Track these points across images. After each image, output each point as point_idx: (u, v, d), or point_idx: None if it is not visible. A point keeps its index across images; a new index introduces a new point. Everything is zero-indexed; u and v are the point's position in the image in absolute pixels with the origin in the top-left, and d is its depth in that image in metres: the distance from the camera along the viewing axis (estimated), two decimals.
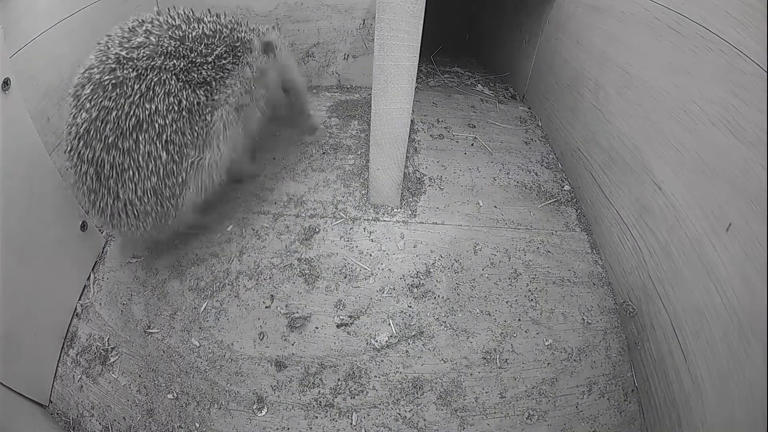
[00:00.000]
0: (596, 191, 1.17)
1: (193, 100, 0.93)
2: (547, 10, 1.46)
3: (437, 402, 0.92)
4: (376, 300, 1.04)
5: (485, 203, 1.23)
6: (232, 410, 0.91)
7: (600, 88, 1.16)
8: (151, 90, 0.87)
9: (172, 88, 0.90)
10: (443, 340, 0.99)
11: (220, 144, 1.01)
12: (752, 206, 0.69)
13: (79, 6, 1.14)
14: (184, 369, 0.96)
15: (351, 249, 1.12)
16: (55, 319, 0.98)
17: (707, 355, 0.76)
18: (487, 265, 1.10)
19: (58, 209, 0.98)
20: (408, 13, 0.85)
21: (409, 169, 1.30)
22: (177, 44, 0.93)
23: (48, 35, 1.04)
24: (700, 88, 0.82)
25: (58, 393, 0.93)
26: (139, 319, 1.02)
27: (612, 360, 0.99)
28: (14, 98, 0.84)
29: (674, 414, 0.82)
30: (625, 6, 1.06)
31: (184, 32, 0.96)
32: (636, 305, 0.99)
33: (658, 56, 0.94)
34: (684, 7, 0.86)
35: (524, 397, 0.94)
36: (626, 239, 1.04)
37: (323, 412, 0.91)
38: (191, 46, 0.95)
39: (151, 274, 1.09)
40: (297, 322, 1.00)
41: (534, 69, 1.60)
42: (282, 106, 1.23)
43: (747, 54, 0.72)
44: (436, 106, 1.59)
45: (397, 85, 0.95)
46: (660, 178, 0.93)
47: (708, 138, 0.80)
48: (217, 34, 1.00)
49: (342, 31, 1.56)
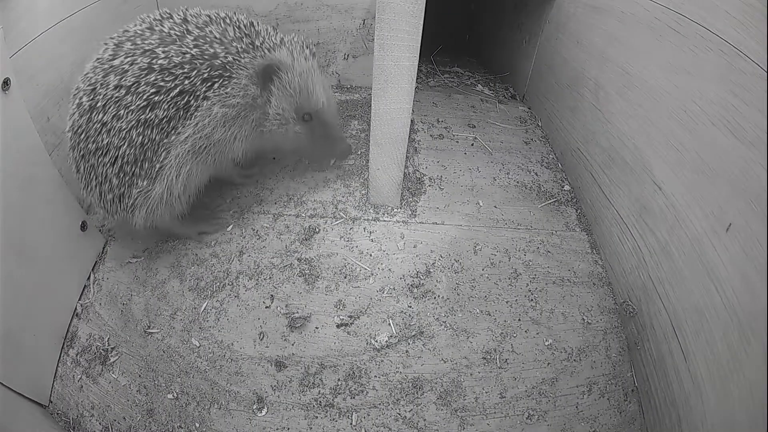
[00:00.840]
0: (596, 191, 1.17)
1: (146, 138, 0.92)
2: (547, 10, 1.46)
3: (437, 402, 0.92)
4: (376, 300, 1.04)
5: (485, 203, 1.23)
6: (232, 410, 0.91)
7: (600, 88, 1.16)
8: (108, 123, 0.90)
9: (126, 125, 0.90)
10: (443, 340, 0.99)
11: (171, 182, 0.97)
12: (752, 206, 0.69)
13: (79, 6, 1.14)
14: (184, 369, 0.96)
15: (351, 249, 1.12)
16: (55, 319, 0.98)
17: (707, 355, 0.76)
18: (487, 265, 1.10)
19: (58, 209, 0.98)
20: (408, 13, 0.85)
21: (409, 169, 1.30)
22: (141, 75, 0.89)
23: (48, 35, 1.05)
24: (700, 88, 0.82)
25: (58, 393, 0.93)
26: (139, 319, 1.02)
27: (612, 360, 0.99)
28: (14, 98, 0.84)
29: (674, 414, 0.82)
30: (625, 6, 1.06)
31: (153, 59, 0.89)
32: (636, 305, 0.99)
33: (658, 56, 0.94)
34: (684, 7, 0.86)
35: (524, 397, 0.94)
36: (626, 239, 1.04)
37: (323, 412, 0.91)
38: (153, 80, 0.89)
39: (151, 274, 1.09)
40: (297, 322, 1.00)
41: (534, 69, 1.60)
42: (300, 139, 1.08)
43: (747, 54, 0.72)
44: (436, 106, 1.59)
45: (397, 85, 0.95)
46: (660, 178, 0.93)
47: (708, 138, 0.80)
48: (188, 64, 0.90)
49: (342, 31, 1.56)
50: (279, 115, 1.03)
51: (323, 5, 1.50)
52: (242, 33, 0.98)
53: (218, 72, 0.93)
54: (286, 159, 1.34)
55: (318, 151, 1.13)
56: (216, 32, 0.95)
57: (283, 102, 1.02)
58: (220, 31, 0.96)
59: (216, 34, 0.95)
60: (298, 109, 1.04)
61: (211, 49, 0.93)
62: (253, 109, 1.00)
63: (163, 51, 0.90)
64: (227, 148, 1.02)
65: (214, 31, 0.95)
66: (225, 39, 0.95)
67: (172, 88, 0.90)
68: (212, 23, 0.97)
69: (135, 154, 0.93)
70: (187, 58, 0.91)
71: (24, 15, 0.98)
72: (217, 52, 0.93)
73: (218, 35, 0.95)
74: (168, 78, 0.90)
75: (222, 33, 0.96)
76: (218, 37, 0.95)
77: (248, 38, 0.97)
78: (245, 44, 0.96)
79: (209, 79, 0.92)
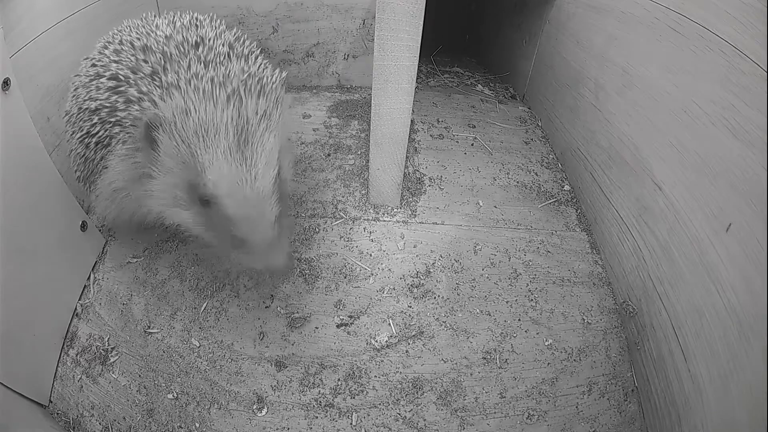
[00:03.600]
0: (596, 191, 1.17)
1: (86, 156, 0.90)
2: (547, 10, 1.46)
3: (437, 402, 0.92)
4: (376, 300, 1.04)
5: (485, 203, 1.23)
6: (232, 410, 0.91)
7: (600, 88, 1.16)
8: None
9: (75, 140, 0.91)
10: (443, 340, 0.99)
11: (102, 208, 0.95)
12: (752, 206, 0.69)
13: (79, 6, 1.14)
14: (184, 369, 0.96)
15: (351, 249, 1.12)
16: (55, 319, 0.98)
17: (707, 355, 0.76)
18: (487, 265, 1.10)
19: (58, 209, 0.98)
20: (408, 13, 0.85)
21: (409, 169, 1.30)
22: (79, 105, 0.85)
23: (48, 35, 1.04)
24: (700, 88, 0.82)
25: (58, 393, 0.93)
26: (139, 319, 1.02)
27: (612, 360, 0.99)
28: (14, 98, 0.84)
29: (674, 414, 0.82)
30: (625, 6, 1.06)
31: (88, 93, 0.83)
32: (636, 305, 0.99)
33: (658, 56, 0.94)
34: (684, 7, 0.86)
35: (524, 397, 0.94)
36: (626, 239, 1.04)
37: (323, 412, 0.91)
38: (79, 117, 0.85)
39: (151, 274, 1.09)
40: (297, 322, 1.00)
41: (534, 69, 1.60)
42: (199, 229, 0.78)
43: (747, 54, 0.72)
44: (436, 106, 1.59)
45: (397, 85, 0.95)
46: (660, 178, 0.93)
47: (708, 138, 0.80)
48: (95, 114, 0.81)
49: (342, 31, 1.56)
50: (164, 191, 0.76)
51: (323, 5, 1.50)
52: (166, 59, 0.79)
53: (116, 129, 0.79)
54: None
55: (224, 251, 0.79)
56: (130, 61, 0.81)
57: (168, 174, 0.74)
58: (134, 62, 0.81)
59: (130, 64, 0.81)
60: (191, 186, 0.73)
61: (116, 95, 0.80)
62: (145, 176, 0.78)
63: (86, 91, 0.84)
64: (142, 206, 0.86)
65: (131, 59, 0.82)
66: (134, 75, 0.80)
67: (92, 134, 0.84)
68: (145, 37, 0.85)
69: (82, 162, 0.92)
70: (94, 105, 0.82)
71: (24, 15, 0.98)
72: (116, 101, 0.79)
73: (131, 66, 0.80)
74: (88, 123, 0.84)
75: (136, 64, 0.80)
76: (131, 68, 0.80)
77: (162, 69, 0.78)
78: (148, 84, 0.77)
79: (111, 135, 0.81)
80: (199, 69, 0.76)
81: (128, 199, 0.85)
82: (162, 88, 0.75)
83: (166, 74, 0.76)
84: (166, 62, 0.79)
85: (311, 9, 1.51)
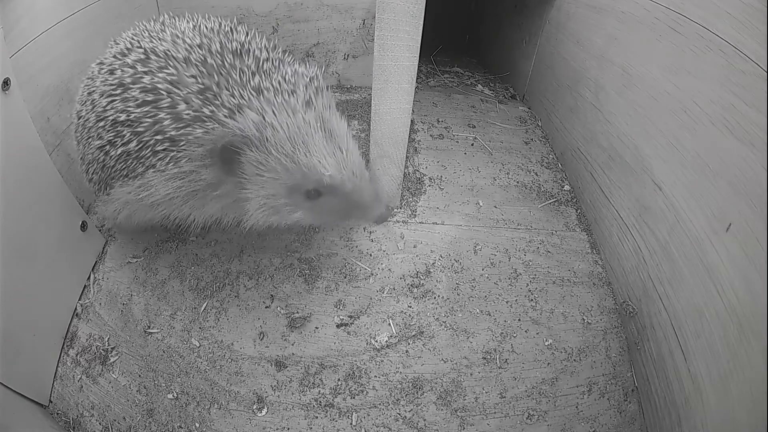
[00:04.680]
0: (596, 191, 1.17)
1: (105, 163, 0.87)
2: (547, 10, 1.46)
3: (437, 402, 0.92)
4: (376, 300, 1.04)
5: (485, 203, 1.23)
6: (232, 410, 0.91)
7: (600, 88, 1.16)
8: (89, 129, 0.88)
9: (93, 149, 0.87)
10: (443, 340, 0.99)
11: (115, 215, 0.95)
12: (752, 206, 0.69)
13: (79, 5, 1.14)
14: (184, 369, 0.96)
15: (351, 249, 1.12)
16: (55, 319, 0.98)
17: (707, 355, 0.76)
18: (487, 265, 1.10)
19: (58, 209, 0.98)
20: (408, 13, 0.85)
21: (409, 169, 1.30)
22: (99, 117, 0.82)
23: (48, 35, 1.04)
24: (700, 88, 0.82)
25: (58, 393, 0.93)
26: (139, 319, 1.02)
27: (612, 360, 0.99)
28: (14, 98, 0.84)
29: (674, 414, 0.82)
30: (625, 6, 1.06)
31: (111, 102, 0.80)
32: (636, 305, 0.99)
33: (658, 56, 0.94)
34: (684, 7, 0.86)
35: (524, 397, 0.94)
36: (626, 239, 1.04)
37: (323, 412, 0.91)
38: (104, 129, 0.81)
39: (151, 274, 1.09)
40: (297, 321, 1.00)
41: (534, 69, 1.60)
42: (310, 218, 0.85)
43: (747, 54, 0.72)
44: (436, 106, 1.59)
45: (397, 85, 0.95)
46: (660, 178, 0.93)
47: (708, 138, 0.80)
48: (128, 127, 0.77)
49: (342, 31, 1.56)
50: (265, 204, 0.80)
51: (323, 5, 1.50)
52: (213, 72, 0.77)
53: (165, 146, 0.77)
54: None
55: (339, 221, 0.96)
56: (172, 74, 0.77)
57: (264, 188, 0.78)
58: (177, 74, 0.77)
59: (171, 78, 0.76)
60: (293, 188, 0.79)
61: (156, 110, 0.76)
62: (216, 194, 0.81)
63: (110, 101, 0.79)
64: (182, 216, 0.88)
65: (172, 71, 0.77)
66: (178, 90, 0.76)
67: (116, 144, 0.81)
68: (177, 50, 0.79)
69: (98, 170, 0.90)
70: (127, 116, 0.78)
71: (24, 15, 0.98)
72: (162, 119, 0.76)
73: (172, 80, 0.76)
74: (111, 133, 0.80)
75: (179, 77, 0.76)
76: (170, 82, 0.76)
77: (216, 85, 0.75)
78: (202, 101, 0.75)
79: (154, 151, 0.78)
80: (259, 81, 0.78)
81: (154, 208, 0.87)
82: (225, 107, 0.75)
83: (221, 89, 0.76)
84: (214, 75, 0.77)
85: (311, 9, 1.51)
